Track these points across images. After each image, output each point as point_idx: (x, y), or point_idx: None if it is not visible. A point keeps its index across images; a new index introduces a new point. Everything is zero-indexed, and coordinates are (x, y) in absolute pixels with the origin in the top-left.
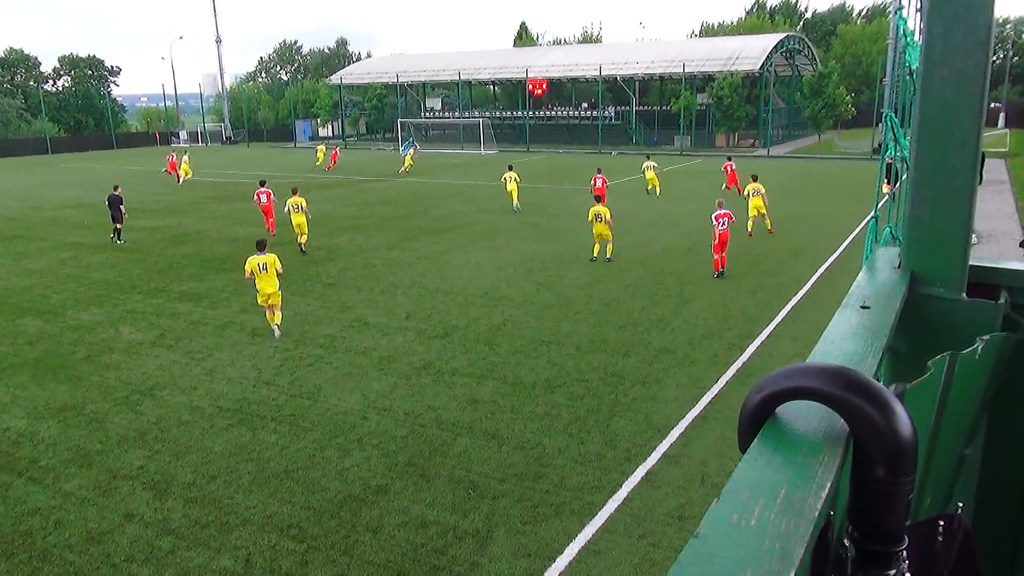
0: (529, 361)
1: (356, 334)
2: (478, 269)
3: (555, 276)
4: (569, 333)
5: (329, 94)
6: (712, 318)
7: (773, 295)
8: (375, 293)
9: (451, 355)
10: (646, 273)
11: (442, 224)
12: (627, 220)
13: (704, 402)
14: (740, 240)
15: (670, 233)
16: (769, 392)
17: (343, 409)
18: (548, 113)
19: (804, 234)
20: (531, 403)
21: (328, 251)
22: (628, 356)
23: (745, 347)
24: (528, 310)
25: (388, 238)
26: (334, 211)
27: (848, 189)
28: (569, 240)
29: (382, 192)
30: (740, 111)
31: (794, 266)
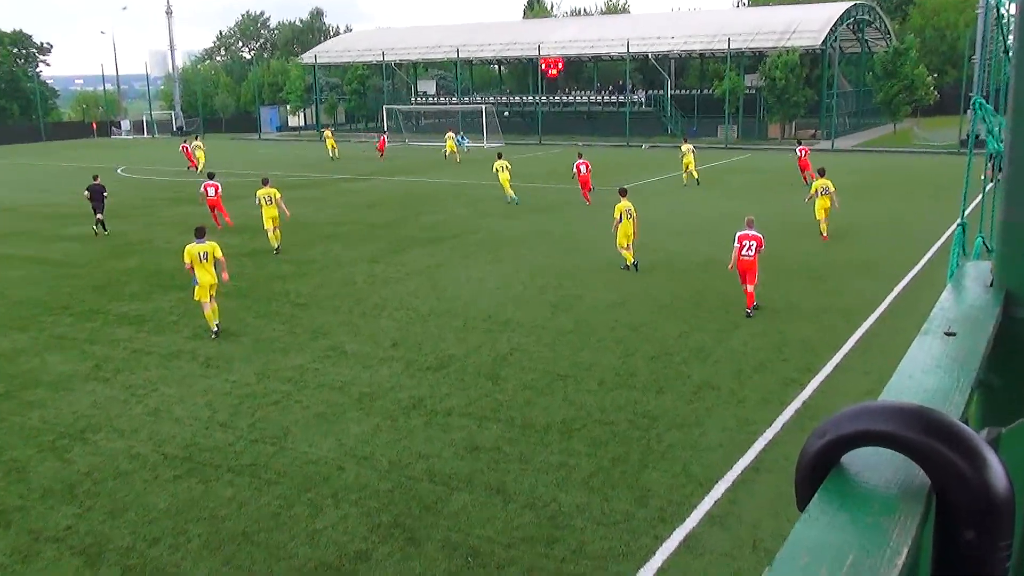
0: (541, 399)
1: (331, 366)
2: (480, 287)
3: (573, 295)
4: (590, 365)
5: (301, 76)
6: (764, 347)
7: (839, 319)
8: (355, 315)
9: (446, 391)
10: (683, 291)
11: (437, 232)
12: (661, 227)
13: (755, 450)
14: (798, 252)
15: (713, 243)
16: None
17: (315, 457)
18: (565, 99)
19: (877, 244)
20: (544, 451)
21: (299, 264)
22: (662, 393)
23: (805, 383)
24: (540, 337)
25: (372, 249)
26: (307, 216)
27: (930, 189)
28: (590, 251)
29: (365, 194)
30: (798, 95)
31: (865, 283)
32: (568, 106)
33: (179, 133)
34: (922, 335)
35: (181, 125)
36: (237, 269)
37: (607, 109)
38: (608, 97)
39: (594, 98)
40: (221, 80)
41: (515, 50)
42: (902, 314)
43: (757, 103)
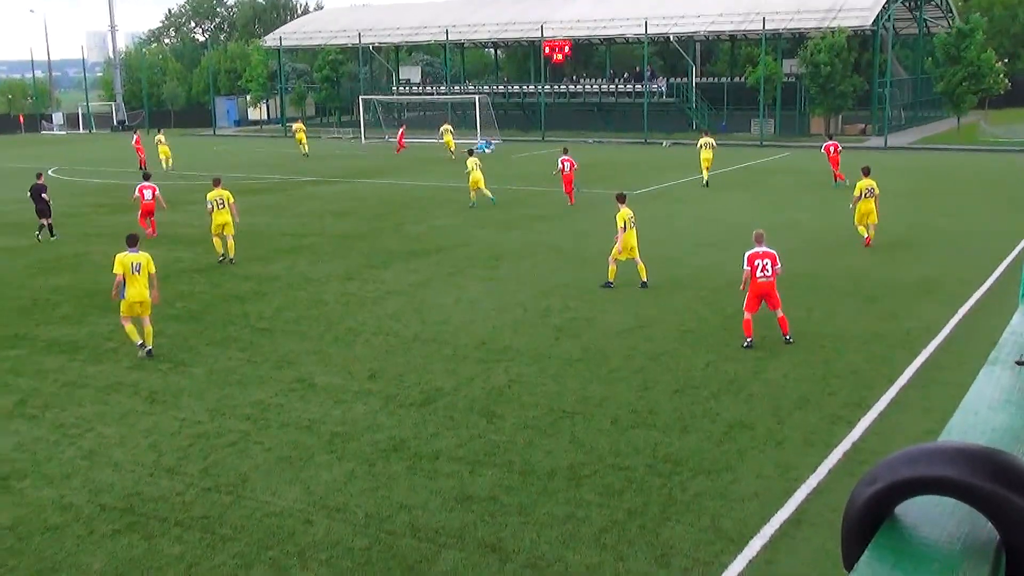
0: (545, 440)
1: (298, 401)
2: (472, 308)
3: (582, 318)
4: (602, 400)
5: (263, 61)
6: (807, 379)
7: (895, 346)
8: (326, 342)
9: (433, 431)
10: (712, 314)
11: (422, 244)
12: (685, 237)
13: (796, 500)
14: (846, 268)
15: None
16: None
17: (278, 509)
18: (572, 88)
19: (938, 259)
20: (547, 501)
21: (259, 282)
22: (687, 433)
23: (855, 421)
24: (544, 367)
25: (345, 264)
26: (268, 225)
27: (1000, 195)
28: (602, 266)
29: (336, 199)
30: (845, 84)
31: (924, 305)
32: (576, 97)
33: (121, 127)
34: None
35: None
36: (188, 288)
37: (621, 100)
38: (623, 86)
39: (606, 87)
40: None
41: (514, 31)
42: (967, 341)
43: (797, 93)
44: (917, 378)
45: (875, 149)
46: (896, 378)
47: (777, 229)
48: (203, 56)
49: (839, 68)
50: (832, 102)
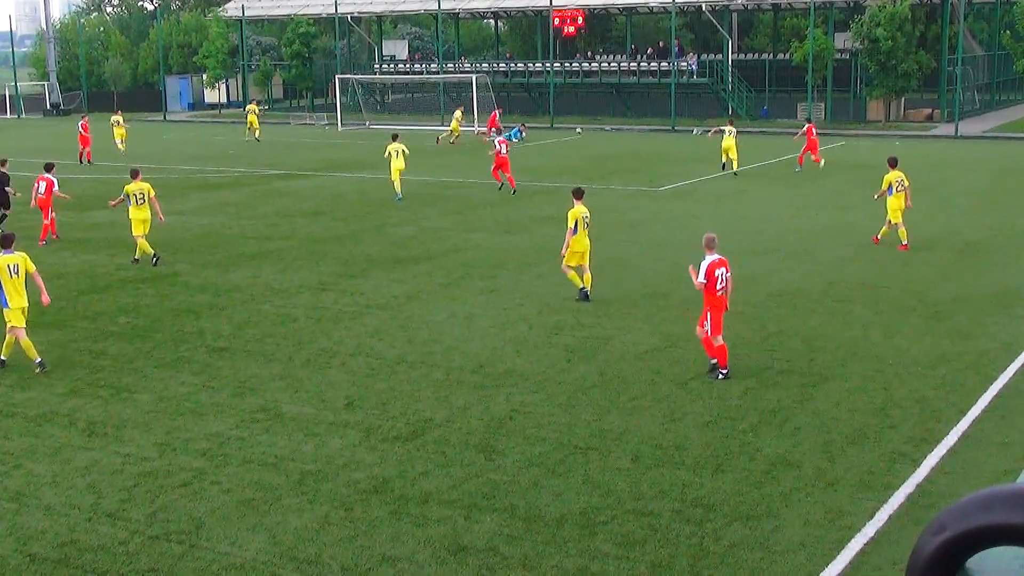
0: (553, 480)
1: (262, 433)
2: (468, 325)
3: (597, 337)
4: (621, 433)
5: (223, 34)
6: (864, 409)
7: (967, 370)
8: (295, 365)
9: (421, 470)
10: (750, 332)
11: (408, 250)
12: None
13: (850, 551)
14: (910, 279)
15: (794, 265)
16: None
17: (238, 561)
18: (586, 66)
19: (1018, 268)
20: (556, 552)
21: (217, 293)
22: (721, 473)
23: (920, 458)
24: (552, 393)
25: (317, 273)
26: (228, 227)
27: None
28: (621, 275)
29: (307, 196)
30: (908, 62)
31: (1002, 322)
32: (590, 76)
33: (55, 111)
34: None
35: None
36: (132, 300)
37: (644, 81)
38: (646, 64)
39: (627, 65)
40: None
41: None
42: None
43: (852, 73)
44: (993, 408)
45: (944, 138)
46: (968, 408)
47: (827, 232)
48: (152, 28)
49: (901, 43)
50: (893, 83)
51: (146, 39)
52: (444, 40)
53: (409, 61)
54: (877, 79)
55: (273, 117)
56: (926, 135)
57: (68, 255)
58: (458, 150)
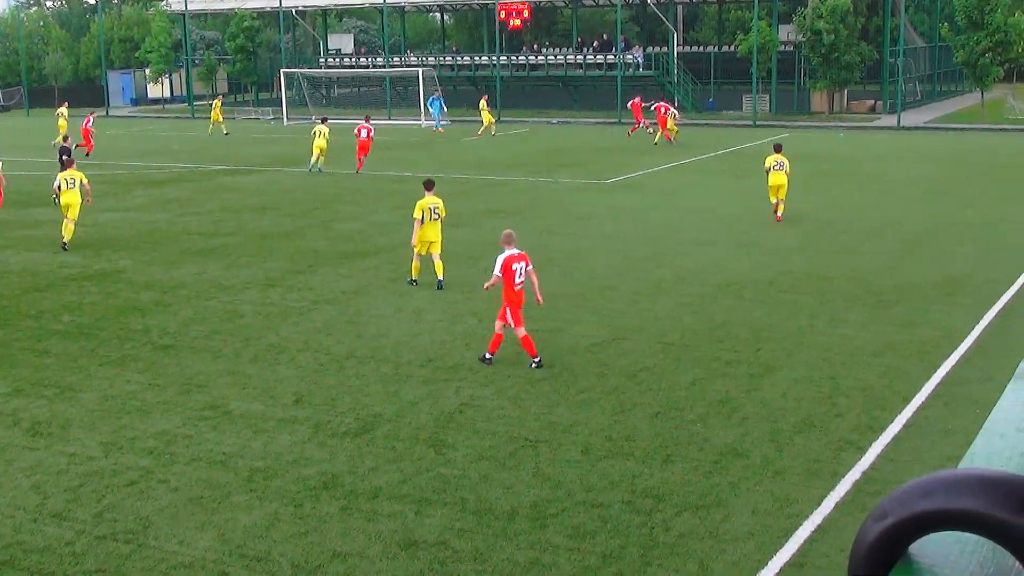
0: (504, 473)
1: (210, 431)
2: (417, 320)
3: (547, 330)
4: (571, 426)
5: (166, 29)
6: (810, 398)
7: (911, 359)
8: (243, 361)
9: (371, 465)
10: (699, 323)
11: (356, 245)
12: (668, 233)
13: (798, 540)
14: (855, 268)
15: (741, 256)
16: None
17: (187, 559)
18: (532, 59)
19: (960, 258)
20: (508, 545)
21: (163, 290)
22: (670, 463)
23: (865, 446)
24: (501, 387)
25: (265, 269)
26: (173, 223)
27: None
28: (571, 267)
29: (253, 191)
30: (851, 54)
31: (945, 310)
32: (537, 69)
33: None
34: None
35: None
36: (76, 298)
37: (591, 74)
38: (592, 57)
39: (573, 58)
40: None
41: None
42: (995, 351)
43: (796, 64)
44: (937, 395)
45: (887, 129)
46: (913, 396)
47: (773, 223)
48: (93, 22)
49: (844, 35)
50: (836, 75)
51: (87, 33)
52: (390, 34)
53: (355, 55)
54: (820, 71)
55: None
56: (869, 126)
57: (10, 253)
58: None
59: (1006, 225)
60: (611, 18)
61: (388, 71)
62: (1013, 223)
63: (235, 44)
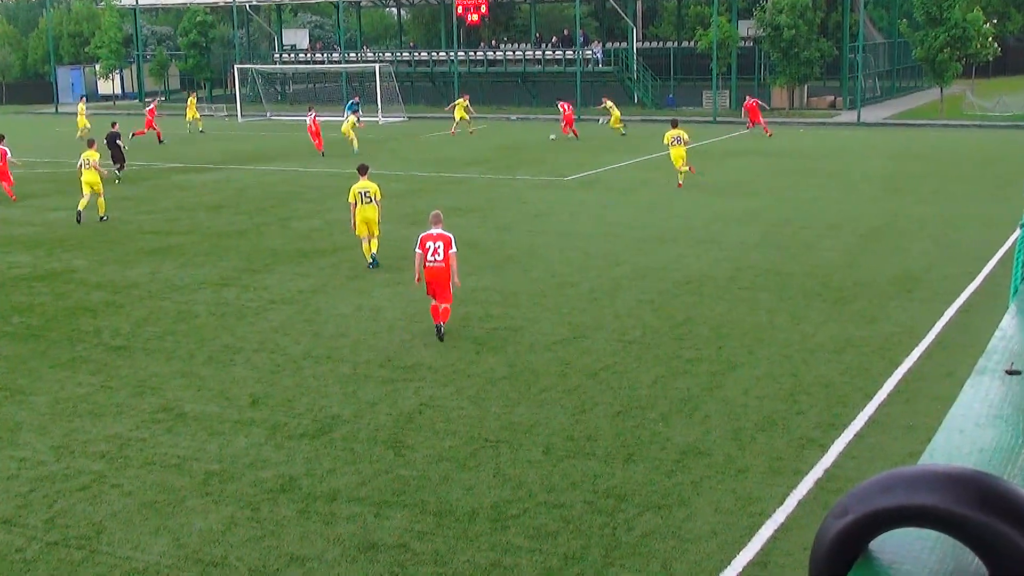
0: (463, 474)
1: (164, 434)
2: (376, 319)
3: (507, 328)
4: (531, 426)
5: (116, 24)
6: (772, 396)
7: (872, 354)
8: (197, 363)
9: (329, 467)
10: (659, 320)
11: (313, 244)
12: (628, 231)
13: (761, 538)
14: (814, 264)
15: (700, 253)
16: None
17: (141, 565)
18: (491, 55)
19: (919, 254)
20: (468, 547)
21: (115, 291)
22: (632, 463)
23: (828, 443)
24: (461, 387)
25: (220, 268)
26: (126, 222)
27: (991, 176)
28: (531, 265)
29: (208, 190)
30: (811, 50)
31: (905, 306)
32: (495, 65)
33: None
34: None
35: None
36: (26, 299)
37: (550, 69)
38: (551, 53)
39: (532, 54)
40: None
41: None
42: (954, 347)
43: (756, 60)
44: (898, 392)
45: (846, 125)
46: (874, 392)
47: (732, 220)
48: (41, 17)
49: (804, 30)
50: (796, 70)
51: (36, 28)
52: (346, 29)
53: (310, 50)
54: (780, 67)
55: (170, 109)
56: (829, 122)
57: None
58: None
59: (964, 221)
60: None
61: (344, 67)
62: (971, 219)
63: (188, 39)
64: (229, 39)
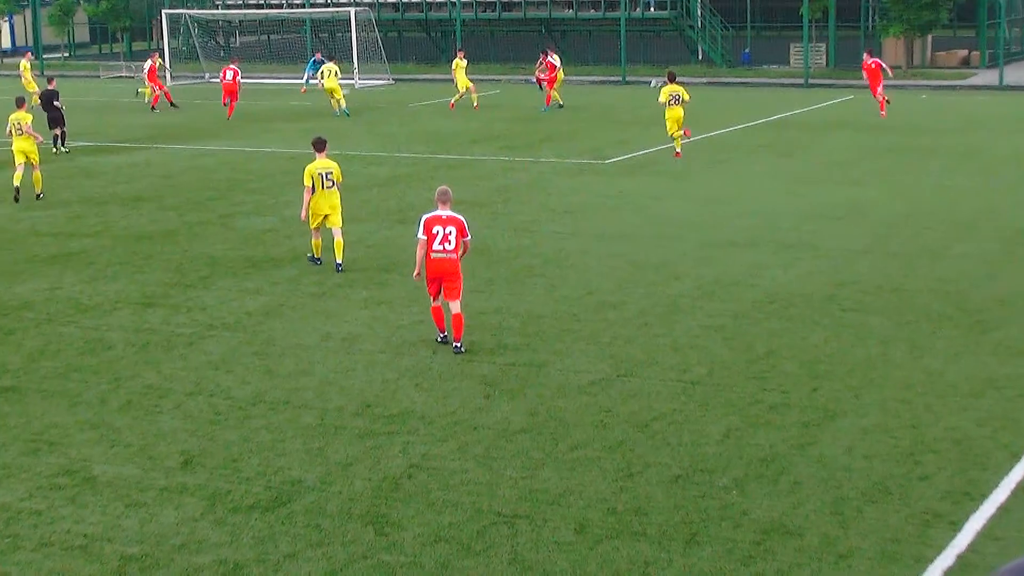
0: (469, 561)
1: (66, 504)
2: (350, 350)
3: (527, 363)
4: (561, 494)
5: None
6: (885, 454)
7: (1020, 399)
8: (111, 409)
9: (288, 550)
10: (732, 353)
11: (268, 248)
12: (686, 231)
13: None
14: (942, 277)
15: (788, 262)
16: None
17: None
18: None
19: None
20: None
21: (1, 312)
22: (696, 545)
23: (960, 520)
24: (465, 442)
25: (141, 282)
26: (15, 220)
27: None
28: (557, 278)
29: (129, 176)
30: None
31: None
32: (511, 9)
33: None
34: None
35: None
36: None
37: (584, 15)
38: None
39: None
40: None
41: None
42: None
43: (862, 2)
44: None
45: (984, 89)
46: (1023, 451)
47: (830, 217)
48: None
49: None
50: (916, 16)
51: None
52: None
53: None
54: (895, 11)
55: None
56: (961, 85)
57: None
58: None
59: None
60: None
61: (308, 12)
62: None
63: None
64: None
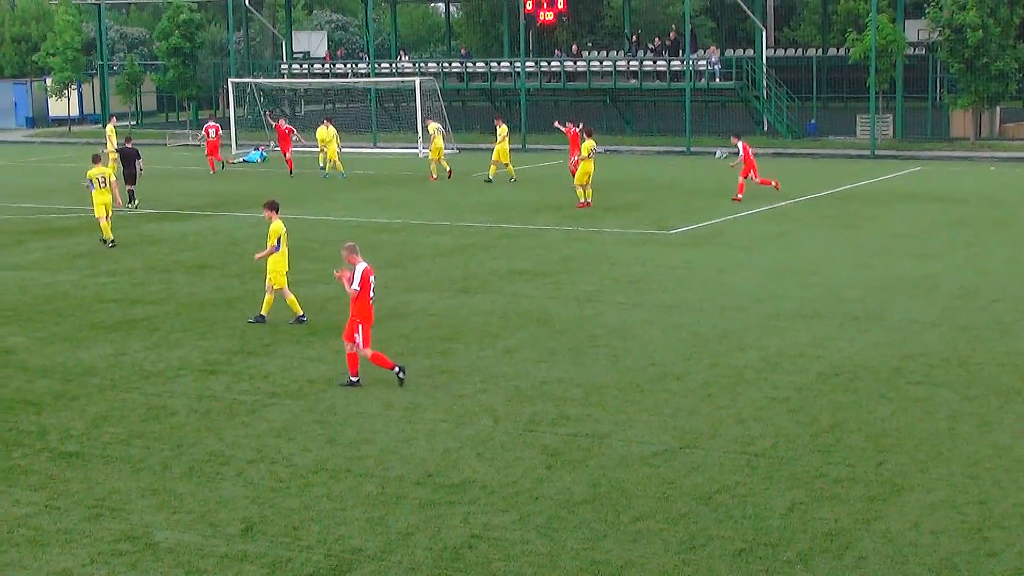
0: None
1: (127, 571)
2: (412, 419)
3: (589, 434)
4: (623, 566)
5: (74, 24)
6: (953, 530)
7: None
8: (173, 476)
9: None
10: (799, 427)
11: (329, 316)
12: (752, 303)
13: None
14: (1013, 348)
15: (854, 334)
16: None
17: None
18: (569, 65)
19: None
20: None
21: (65, 378)
22: None
23: None
24: (527, 514)
25: (204, 349)
26: (81, 286)
27: None
28: (619, 350)
29: (193, 243)
30: (1005, 59)
31: None
32: (575, 79)
33: None
34: None
35: None
36: None
37: (649, 85)
38: (651, 63)
39: (625, 64)
40: None
41: None
42: None
43: (929, 74)
44: None
45: None
46: None
47: (897, 289)
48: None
49: (996, 33)
50: (985, 87)
51: None
52: (377, 31)
53: (329, 60)
54: (963, 82)
55: (142, 136)
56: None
57: None
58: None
59: None
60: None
61: (373, 81)
62: None
63: (167, 45)
64: (222, 44)
